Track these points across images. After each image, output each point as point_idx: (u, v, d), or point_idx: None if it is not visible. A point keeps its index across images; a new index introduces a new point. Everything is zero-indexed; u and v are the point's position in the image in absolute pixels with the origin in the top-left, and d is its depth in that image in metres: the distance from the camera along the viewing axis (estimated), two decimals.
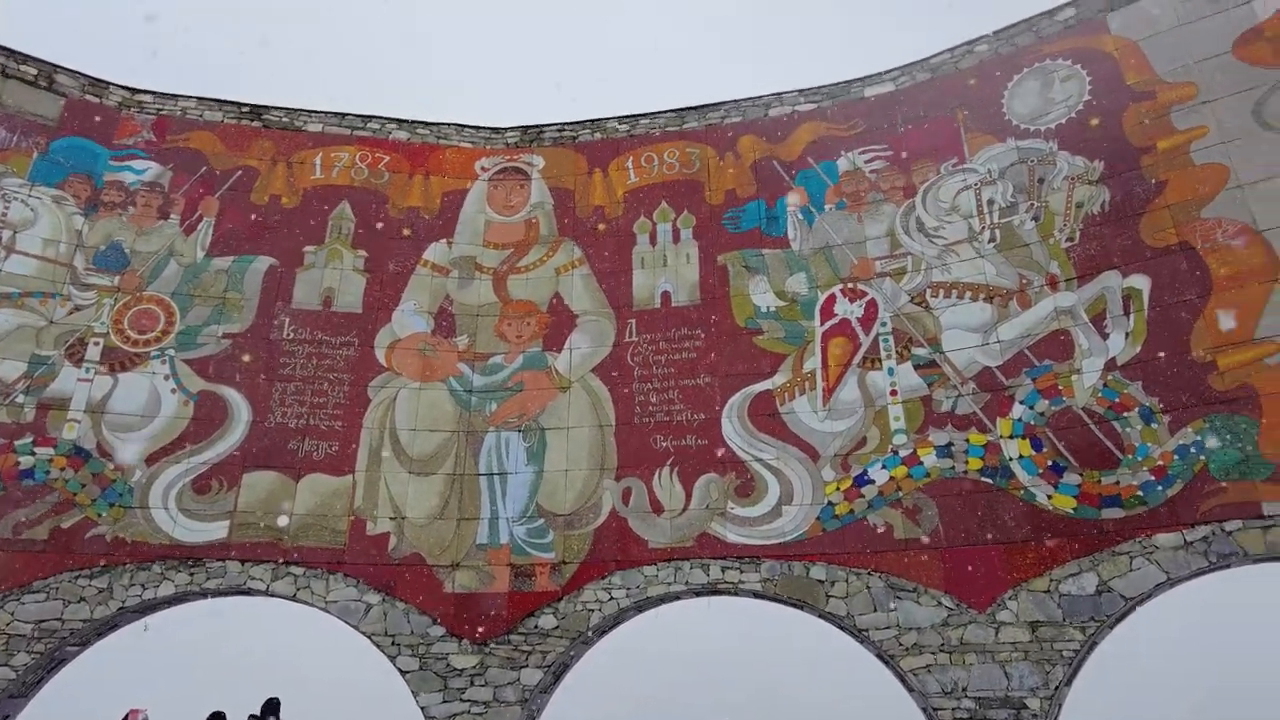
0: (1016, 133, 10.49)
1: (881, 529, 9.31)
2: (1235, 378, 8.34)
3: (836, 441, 9.90)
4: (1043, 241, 9.87)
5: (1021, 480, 9.01)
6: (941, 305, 10.16)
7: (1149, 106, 9.71)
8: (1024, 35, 10.84)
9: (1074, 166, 9.96)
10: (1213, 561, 7.92)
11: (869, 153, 11.32)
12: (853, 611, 9.02)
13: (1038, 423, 9.15)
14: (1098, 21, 10.38)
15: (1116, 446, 8.69)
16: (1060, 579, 8.44)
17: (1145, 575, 8.12)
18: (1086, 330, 9.26)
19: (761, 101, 12.09)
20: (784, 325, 10.72)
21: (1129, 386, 8.82)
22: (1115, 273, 9.30)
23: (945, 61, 11.29)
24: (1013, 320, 9.71)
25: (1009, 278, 9.91)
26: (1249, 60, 9.30)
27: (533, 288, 11.67)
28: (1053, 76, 10.48)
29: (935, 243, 10.50)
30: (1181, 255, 8.97)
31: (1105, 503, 8.54)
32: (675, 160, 12.09)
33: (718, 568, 9.62)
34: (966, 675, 8.38)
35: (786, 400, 10.30)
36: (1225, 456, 8.13)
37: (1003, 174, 10.39)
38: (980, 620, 8.55)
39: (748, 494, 9.92)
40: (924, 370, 9.92)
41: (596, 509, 10.22)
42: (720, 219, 11.55)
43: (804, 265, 11.01)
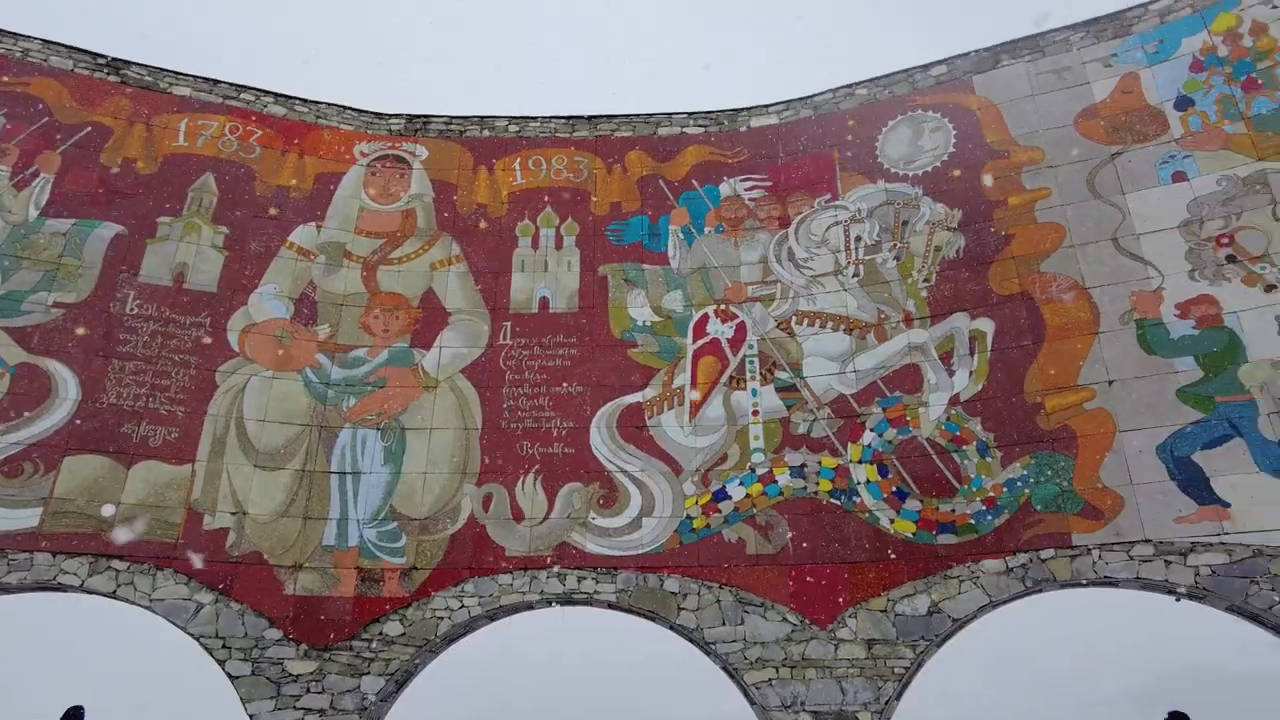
0: (886, 175, 11.12)
1: (735, 544, 9.56)
2: (1058, 419, 9.13)
3: (699, 457, 10.11)
4: (902, 280, 10.48)
5: (867, 504, 9.49)
6: (805, 333, 10.59)
7: (1004, 164, 10.54)
8: (901, 85, 11.54)
9: (935, 212, 10.66)
10: (1028, 586, 8.60)
11: (750, 181, 11.70)
12: (702, 624, 9.20)
13: (885, 450, 9.68)
14: (965, 81, 11.19)
15: (955, 477, 9.31)
16: (897, 599, 8.93)
17: (971, 598, 8.72)
18: (935, 366, 9.90)
19: (652, 119, 12.28)
20: (658, 340, 10.88)
21: (969, 421, 9.48)
22: (964, 315, 9.99)
23: (828, 100, 11.85)
24: (869, 352, 10.25)
25: (869, 312, 10.46)
26: (1086, 135, 10.27)
27: (405, 281, 11.31)
28: (923, 126, 11.20)
29: (804, 273, 10.95)
30: (1022, 304, 9.76)
31: (941, 529, 9.12)
32: (564, 167, 12.07)
33: (574, 578, 9.59)
34: (805, 690, 8.71)
35: (655, 414, 10.44)
36: (1045, 490, 8.87)
37: (871, 213, 10.98)
38: (821, 637, 8.92)
39: (610, 505, 9.96)
40: (785, 393, 10.30)
41: (454, 514, 9.98)
42: (604, 230, 11.61)
43: (681, 284, 11.23)
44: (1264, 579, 7.77)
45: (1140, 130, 9.99)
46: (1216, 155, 9.48)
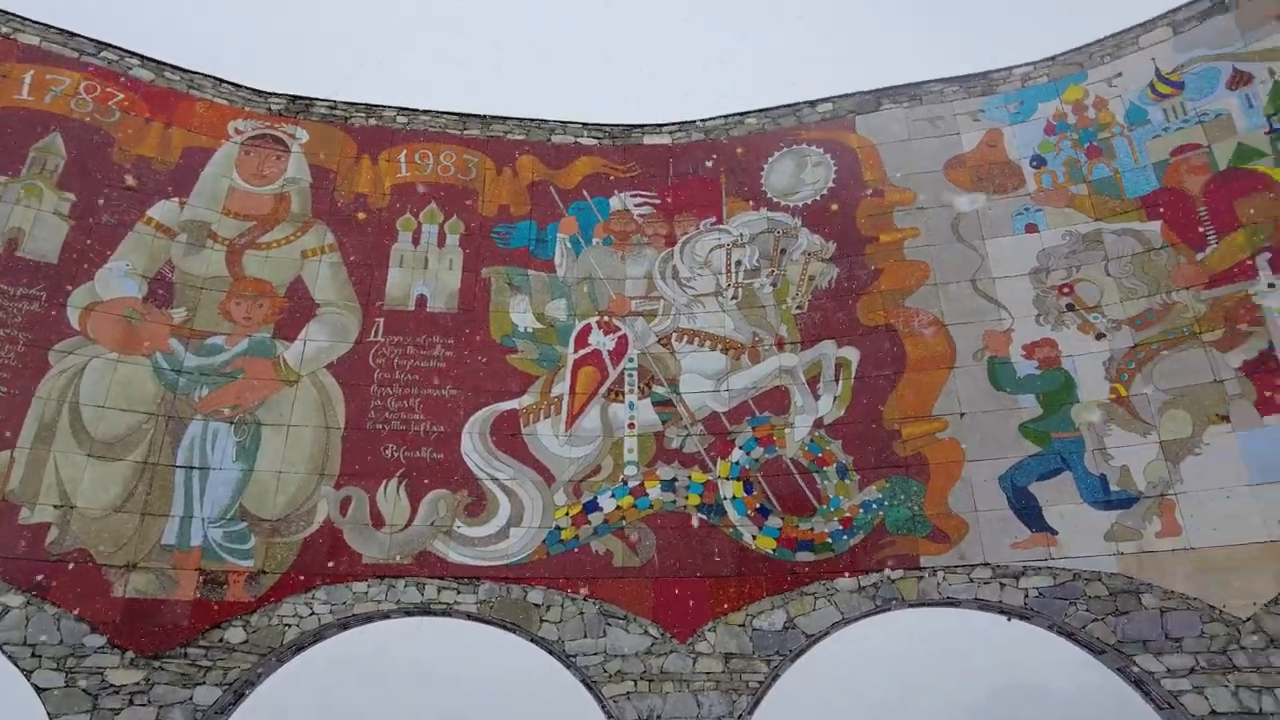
0: (769, 204, 11.50)
1: (603, 556, 9.55)
2: (913, 446, 9.65)
3: (572, 467, 10.06)
4: (777, 305, 10.84)
5: (732, 519, 9.70)
6: (684, 350, 10.77)
7: (878, 203, 11.11)
8: (788, 118, 11.98)
9: (812, 243, 11.09)
10: (878, 604, 9.02)
11: (639, 197, 11.82)
12: (564, 636, 9.12)
13: (752, 468, 9.94)
14: (848, 120, 11.74)
15: (815, 496, 9.67)
16: (755, 614, 9.15)
17: (825, 614, 9.05)
18: (803, 390, 10.27)
19: (547, 126, 12.22)
20: (539, 347, 10.77)
21: (831, 444, 9.88)
22: (832, 342, 10.43)
23: (719, 126, 12.15)
24: (743, 372, 10.52)
25: (744, 333, 10.75)
26: (953, 181, 10.98)
27: (272, 267, 10.72)
28: (806, 160, 11.66)
29: (686, 291, 11.14)
30: (886, 335, 10.28)
31: (800, 546, 9.43)
32: (452, 164, 11.80)
33: (434, 587, 9.31)
34: (662, 703, 8.78)
35: (531, 422, 10.32)
36: (898, 513, 9.35)
37: (752, 239, 11.32)
38: (681, 650, 9.02)
39: (478, 513, 9.74)
40: (661, 408, 10.42)
41: (309, 516, 9.48)
42: (490, 231, 11.42)
43: (566, 292, 11.18)
44: (1080, 600, 8.46)
45: (1000, 182, 10.78)
46: (1062, 212, 10.34)
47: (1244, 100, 9.72)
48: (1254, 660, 7.69)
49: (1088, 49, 10.95)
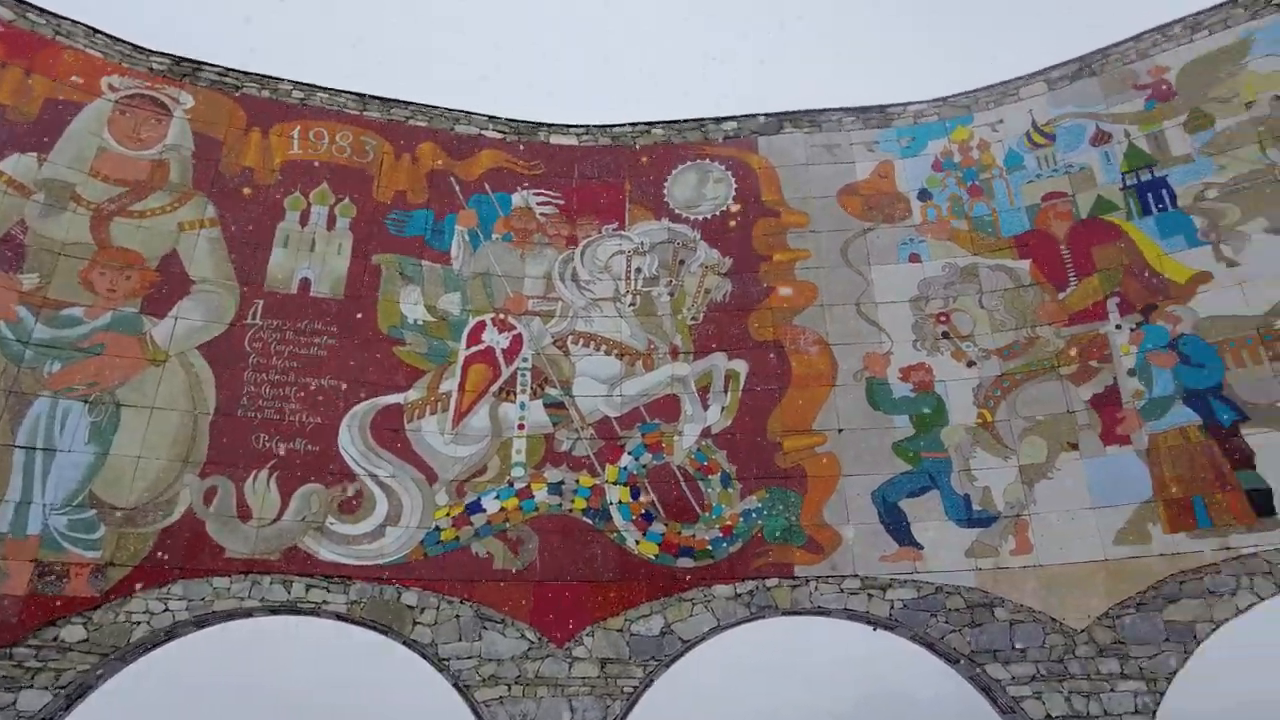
0: (671, 215, 11.64)
1: (483, 557, 9.38)
2: (793, 459, 9.97)
3: (457, 467, 9.84)
4: (673, 315, 10.98)
5: (617, 524, 9.73)
6: (579, 353, 10.74)
7: (774, 223, 11.44)
8: (694, 132, 12.18)
9: (710, 257, 11.31)
10: (753, 612, 9.25)
11: (543, 196, 11.72)
12: (438, 640, 8.89)
13: (639, 473, 10.01)
14: (751, 141, 12.05)
15: (698, 504, 9.83)
16: (634, 619, 9.20)
17: (701, 620, 9.20)
18: (693, 399, 10.43)
19: (451, 115, 11.93)
20: (429, 341, 10.49)
21: (716, 453, 10.07)
22: (723, 355, 10.65)
23: (626, 133, 12.22)
24: (636, 378, 10.59)
25: (640, 340, 10.83)
26: (845, 208, 11.45)
27: (144, 238, 9.97)
28: (709, 175, 11.88)
29: (585, 295, 11.13)
30: (774, 351, 10.59)
31: (682, 552, 9.56)
32: (348, 145, 11.34)
33: (302, 585, 8.88)
34: (535, 708, 8.68)
35: (415, 418, 10.02)
36: (776, 523, 9.63)
37: (653, 248, 11.43)
38: (557, 655, 8.96)
39: (353, 510, 9.37)
40: (552, 410, 10.34)
41: (169, 506, 8.85)
42: (384, 218, 11.04)
43: (461, 286, 10.94)
44: (940, 613, 8.96)
45: (888, 212, 11.32)
46: (944, 244, 10.97)
47: (1104, 156, 10.61)
48: (1085, 668, 8.36)
49: (976, 94, 11.68)
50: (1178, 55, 10.58)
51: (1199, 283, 9.51)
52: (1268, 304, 9.08)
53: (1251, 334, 9.04)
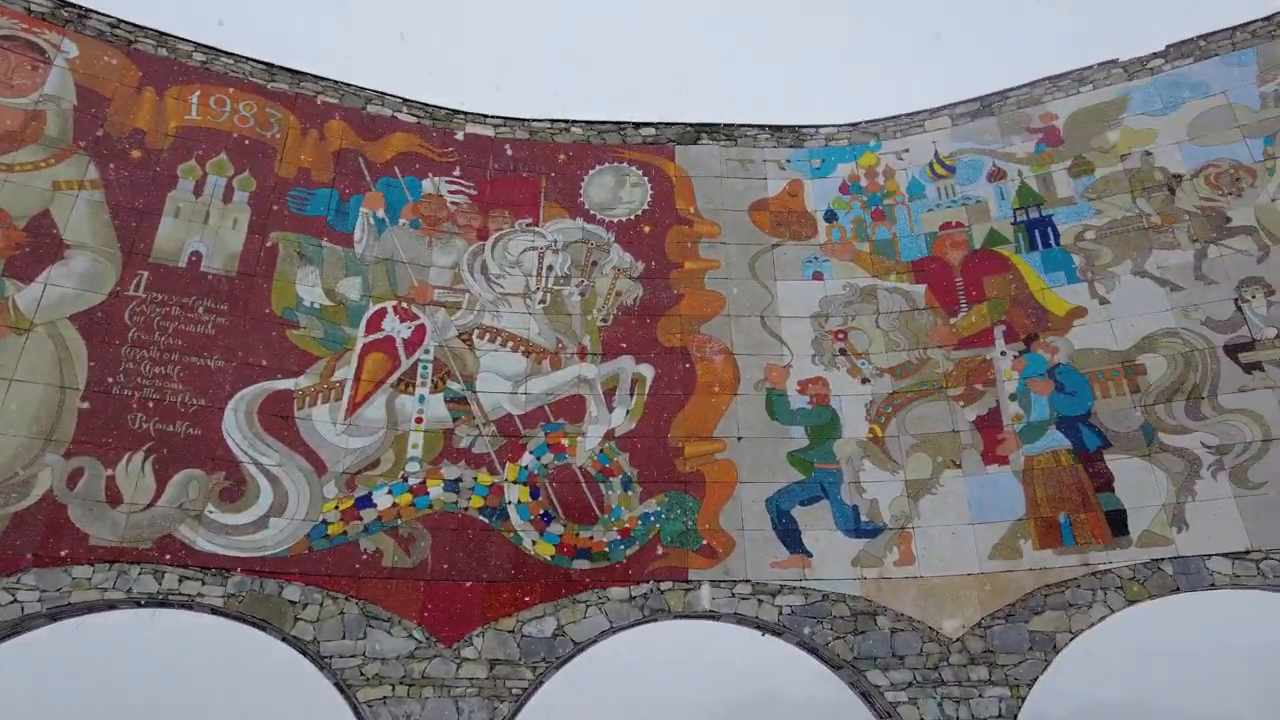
0: (586, 215, 11.61)
1: (371, 554, 9.06)
2: (693, 464, 10.10)
3: (349, 458, 9.47)
4: (583, 316, 10.94)
5: (514, 524, 9.60)
6: (485, 348, 10.54)
7: (687, 232, 11.58)
8: (613, 135, 12.19)
9: (622, 261, 11.34)
10: (646, 614, 9.30)
11: (455, 185, 11.46)
12: (320, 637, 8.52)
13: (540, 473, 9.91)
14: (668, 148, 12.16)
15: (598, 505, 9.82)
16: (526, 620, 9.09)
17: (595, 623, 9.18)
18: (599, 401, 10.42)
19: (364, 93, 11.51)
20: (325, 326, 10.06)
21: (619, 456, 10.09)
22: (631, 358, 10.69)
23: (544, 129, 12.10)
24: (542, 377, 10.49)
25: (548, 339, 10.74)
26: (756, 223, 11.72)
27: (12, 194, 9.12)
28: (626, 179, 11.92)
29: (494, 288, 10.94)
30: (680, 357, 10.71)
31: (579, 554, 9.51)
32: (251, 115, 10.76)
33: (175, 576, 8.33)
34: (420, 709, 8.44)
35: (306, 405, 9.59)
36: (673, 527, 9.72)
37: (566, 247, 11.36)
38: (446, 655, 8.74)
39: (235, 499, 8.87)
40: (453, 405, 10.11)
41: (25, 487, 8.13)
42: (286, 194, 10.52)
43: (363, 271, 10.55)
44: (826, 620, 9.27)
45: (796, 230, 11.66)
46: (846, 265, 11.39)
47: (998, 192, 11.29)
48: (957, 675, 8.83)
49: (884, 123, 12.19)
50: (1066, 105, 11.38)
51: (1075, 317, 10.24)
52: (1132, 340, 9.86)
53: (1117, 367, 9.80)
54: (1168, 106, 10.84)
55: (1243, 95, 10.49)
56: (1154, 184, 10.52)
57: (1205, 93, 10.71)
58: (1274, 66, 10.45)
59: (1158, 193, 10.46)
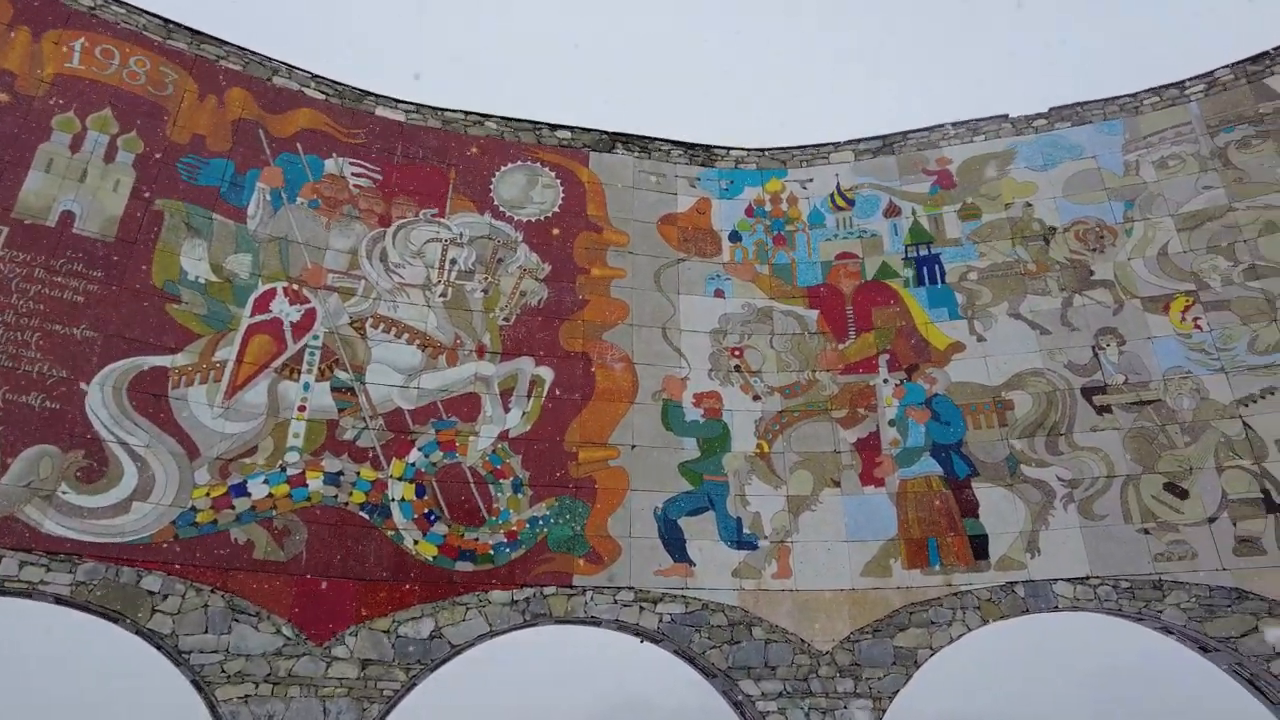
0: (495, 211, 11.47)
1: (242, 545, 8.62)
2: (586, 470, 10.13)
3: (224, 444, 9.00)
4: (485, 313, 10.80)
5: (396, 522, 9.35)
6: (378, 338, 10.24)
7: (595, 238, 11.63)
8: (528, 133, 12.11)
9: (529, 261, 11.26)
10: (527, 619, 9.24)
11: (360, 168, 11.10)
12: (179, 630, 8.03)
13: (428, 471, 9.70)
14: (583, 153, 12.19)
15: (486, 507, 9.69)
16: (403, 621, 8.85)
17: (474, 626, 9.04)
18: (495, 400, 10.30)
19: (270, 64, 10.99)
20: (209, 302, 9.53)
21: (511, 458, 10.00)
22: (531, 359, 10.63)
23: (459, 120, 11.89)
24: (437, 372, 10.28)
25: (447, 334, 10.54)
26: (664, 236, 11.90)
27: None
28: (538, 179, 11.86)
29: (392, 277, 10.65)
30: (581, 363, 10.73)
31: (462, 556, 9.36)
32: (144, 73, 10.08)
33: (15, 561, 7.67)
34: (284, 709, 8.08)
35: (182, 384, 9.05)
36: (561, 532, 9.71)
37: (471, 241, 11.19)
38: (315, 654, 8.41)
39: (94, 480, 8.25)
40: (340, 394, 9.77)
41: None
42: (176, 160, 9.91)
43: (254, 249, 10.06)
44: (704, 629, 9.46)
45: (701, 247, 11.91)
46: (746, 285, 11.71)
47: (893, 228, 11.89)
48: (825, 687, 9.19)
49: (792, 151, 12.63)
50: (961, 151, 12.12)
51: (954, 351, 10.89)
52: (1003, 377, 10.58)
53: (989, 401, 10.49)
54: (1047, 164, 11.72)
55: (1110, 161, 11.47)
56: (1032, 234, 11.34)
57: (1079, 155, 11.64)
58: (1137, 138, 11.47)
59: (1034, 242, 11.28)
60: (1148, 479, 9.64)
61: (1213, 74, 11.36)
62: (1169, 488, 9.53)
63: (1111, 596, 9.17)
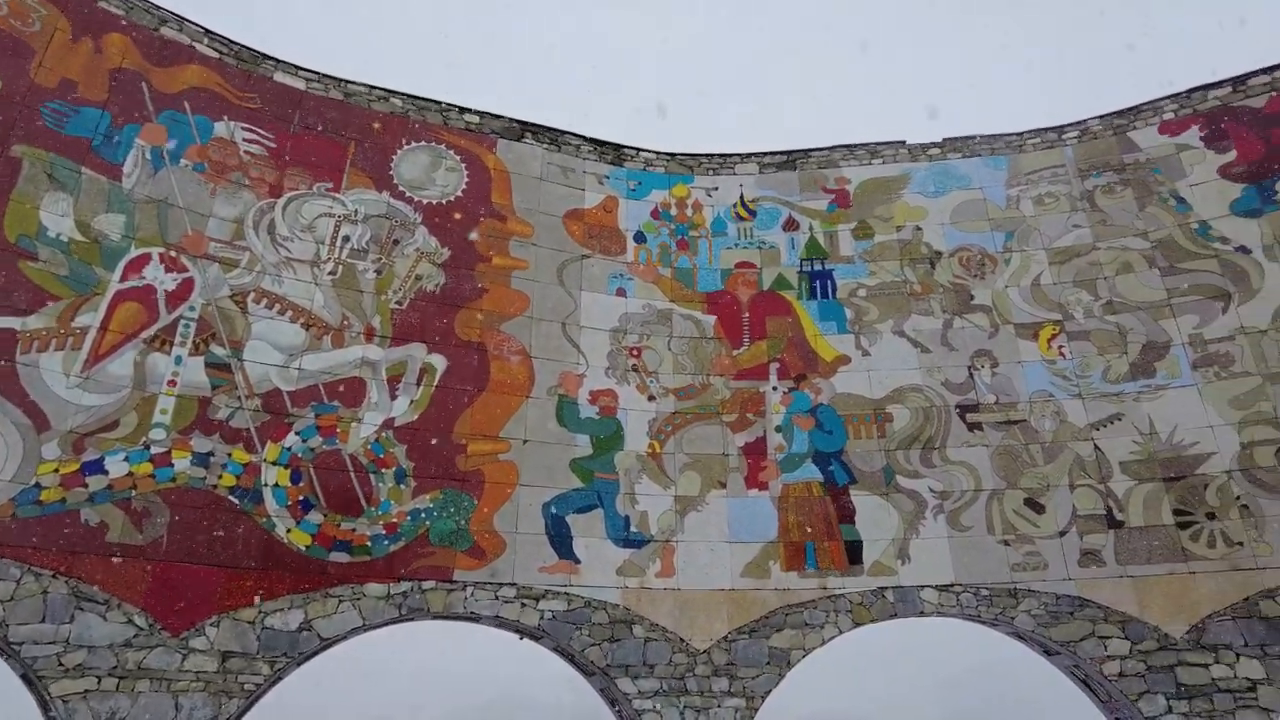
0: (394, 191, 11.09)
1: (94, 526, 7.99)
2: (474, 463, 9.93)
3: (80, 416, 8.32)
4: (376, 295, 10.42)
5: (269, 508, 8.89)
6: (259, 313, 9.72)
7: (499, 226, 11.42)
8: (435, 114, 11.77)
9: (427, 244, 10.95)
10: (403, 613, 8.96)
11: (253, 134, 10.51)
12: (10, 619, 7.36)
13: (306, 457, 9.27)
14: (491, 139, 11.95)
15: (366, 497, 9.34)
16: (270, 612, 8.42)
17: (346, 619, 8.69)
18: (381, 387, 9.95)
19: (157, 13, 10.25)
20: (71, 263, 8.79)
21: (396, 447, 9.68)
22: (423, 346, 10.33)
23: (361, 94, 11.43)
24: (321, 353, 9.84)
25: (334, 314, 10.11)
26: (569, 231, 11.82)
27: None
28: (442, 161, 11.54)
29: (279, 251, 10.13)
30: (476, 353, 10.51)
31: (337, 546, 8.98)
32: (4, 3, 9.19)
33: None
34: (130, 704, 7.53)
35: (33, 350, 8.30)
36: (444, 525, 9.47)
37: (367, 220, 10.78)
38: (170, 645, 7.89)
39: None
40: (214, 371, 9.21)
41: None
42: (41, 105, 9.09)
43: (129, 209, 9.35)
44: (585, 626, 9.44)
45: (607, 245, 11.89)
46: (648, 286, 11.78)
47: (790, 241, 12.22)
48: (700, 685, 9.33)
49: (699, 158, 12.79)
50: (859, 172, 12.59)
51: (840, 363, 11.29)
52: (885, 391, 11.04)
53: (870, 413, 10.93)
54: (938, 191, 12.33)
55: (995, 194, 12.18)
56: (920, 256, 11.90)
57: (967, 185, 12.31)
58: (1019, 175, 12.23)
59: (921, 264, 11.84)
60: (1010, 494, 10.28)
61: (1085, 123, 12.24)
62: (1028, 503, 10.19)
63: (972, 603, 9.72)
